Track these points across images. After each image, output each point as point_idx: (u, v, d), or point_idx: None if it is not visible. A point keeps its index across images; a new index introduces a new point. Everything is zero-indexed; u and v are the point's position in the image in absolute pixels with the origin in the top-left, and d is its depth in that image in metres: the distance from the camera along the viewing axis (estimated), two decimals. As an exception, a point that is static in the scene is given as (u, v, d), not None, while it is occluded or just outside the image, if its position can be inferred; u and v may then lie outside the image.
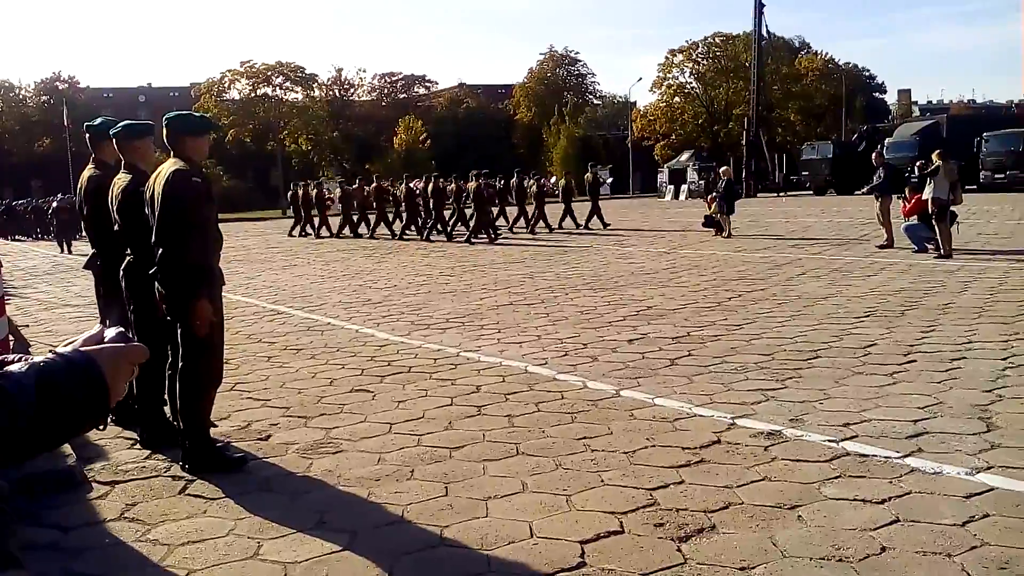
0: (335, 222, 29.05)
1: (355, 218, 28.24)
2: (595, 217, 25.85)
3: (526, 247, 20.58)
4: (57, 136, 65.29)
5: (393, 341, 8.78)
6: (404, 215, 26.68)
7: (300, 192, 30.20)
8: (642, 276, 13.43)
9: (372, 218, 27.79)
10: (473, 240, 22.83)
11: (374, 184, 28.48)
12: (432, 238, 24.57)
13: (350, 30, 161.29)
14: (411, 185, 26.79)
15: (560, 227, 25.59)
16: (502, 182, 28.94)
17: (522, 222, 25.78)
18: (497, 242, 22.48)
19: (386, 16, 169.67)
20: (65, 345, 1.19)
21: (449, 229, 24.70)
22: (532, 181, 28.24)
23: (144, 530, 4.14)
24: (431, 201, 24.55)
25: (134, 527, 4.19)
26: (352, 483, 4.64)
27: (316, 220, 29.04)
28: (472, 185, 24.51)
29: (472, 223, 23.88)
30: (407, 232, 26.05)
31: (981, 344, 7.32)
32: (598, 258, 16.86)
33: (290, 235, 29.44)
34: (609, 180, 50.68)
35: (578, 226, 25.61)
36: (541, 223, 25.50)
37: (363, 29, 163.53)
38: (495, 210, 26.13)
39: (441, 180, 25.48)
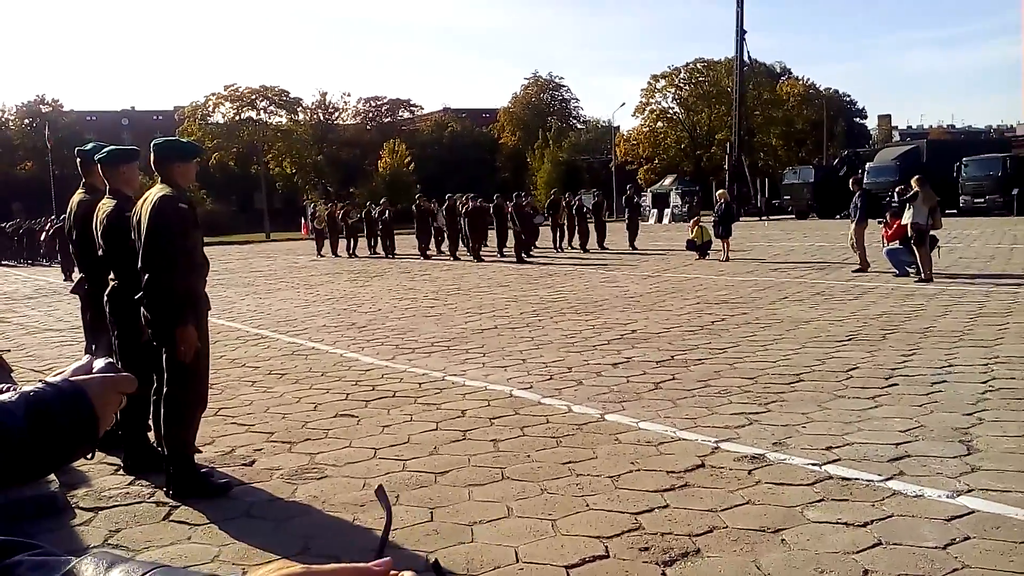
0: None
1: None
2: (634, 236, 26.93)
3: (510, 270, 20.63)
4: (40, 159, 65.00)
5: (378, 365, 8.77)
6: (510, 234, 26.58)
7: (324, 212, 31.99)
8: (626, 300, 13.48)
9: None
10: (525, 258, 23.64)
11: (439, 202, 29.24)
12: (461, 257, 25.76)
13: (334, 54, 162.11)
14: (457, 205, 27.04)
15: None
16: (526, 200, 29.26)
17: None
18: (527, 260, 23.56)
19: (371, 41, 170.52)
20: (55, 375, 1.21)
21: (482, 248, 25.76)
22: (573, 200, 28.64)
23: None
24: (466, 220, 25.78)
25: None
26: (337, 508, 4.64)
27: (341, 241, 30.68)
28: (510, 205, 25.52)
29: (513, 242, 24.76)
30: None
31: (962, 368, 7.39)
32: (582, 281, 16.91)
33: (320, 255, 30.81)
34: (646, 203, 50.17)
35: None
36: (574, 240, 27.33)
37: (348, 53, 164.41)
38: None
39: (480, 200, 26.82)
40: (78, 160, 5.98)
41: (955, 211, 34.62)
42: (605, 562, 3.78)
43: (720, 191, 23.04)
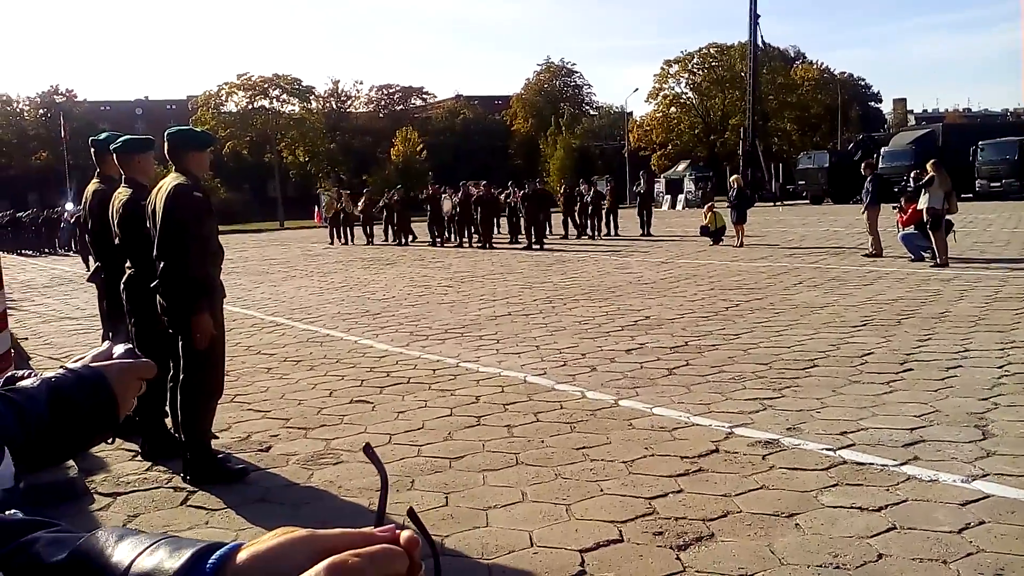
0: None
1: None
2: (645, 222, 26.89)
3: (523, 257, 20.64)
4: (54, 149, 65.34)
5: (392, 352, 8.81)
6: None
7: (335, 201, 32.40)
8: (640, 286, 13.46)
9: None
10: (535, 246, 23.60)
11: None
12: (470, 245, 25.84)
13: (347, 43, 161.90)
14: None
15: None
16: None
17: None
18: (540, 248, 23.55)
19: (382, 29, 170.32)
20: (75, 361, 1.22)
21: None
22: (588, 190, 28.41)
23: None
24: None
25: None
26: (353, 493, 4.67)
27: (354, 229, 31.35)
28: (520, 193, 25.76)
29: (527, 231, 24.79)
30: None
31: (977, 353, 7.36)
32: (595, 268, 16.90)
33: (332, 243, 31.01)
34: (660, 190, 49.91)
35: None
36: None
37: (360, 42, 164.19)
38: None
39: (496, 189, 27.25)
40: (92, 150, 6.01)
41: (971, 195, 34.39)
42: (619, 546, 3.80)
43: (734, 176, 23.02)
